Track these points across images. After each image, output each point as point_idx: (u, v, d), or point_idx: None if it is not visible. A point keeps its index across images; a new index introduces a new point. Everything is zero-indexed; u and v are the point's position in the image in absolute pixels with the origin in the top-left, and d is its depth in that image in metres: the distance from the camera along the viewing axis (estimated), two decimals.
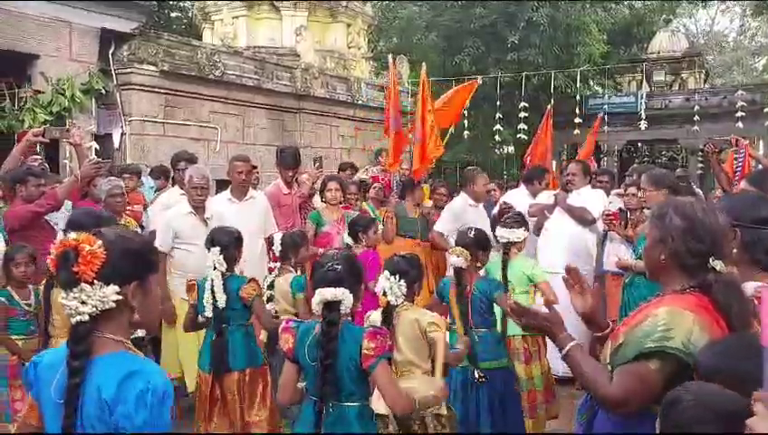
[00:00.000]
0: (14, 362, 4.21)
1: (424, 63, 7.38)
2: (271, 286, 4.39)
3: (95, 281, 1.72)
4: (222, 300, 3.79)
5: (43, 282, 3.98)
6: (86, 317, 1.73)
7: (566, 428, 4.76)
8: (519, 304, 2.29)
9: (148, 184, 7.26)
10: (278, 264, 4.51)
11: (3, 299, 4.24)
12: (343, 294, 2.56)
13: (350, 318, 2.71)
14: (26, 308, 4.34)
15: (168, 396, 1.74)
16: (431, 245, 6.31)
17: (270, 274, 4.42)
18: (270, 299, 4.32)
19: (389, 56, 7.78)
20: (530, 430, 4.36)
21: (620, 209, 5.81)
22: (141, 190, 6.81)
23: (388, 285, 3.23)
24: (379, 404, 3.17)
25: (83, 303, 1.72)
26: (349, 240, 5.13)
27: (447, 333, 3.37)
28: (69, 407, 1.69)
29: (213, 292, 3.79)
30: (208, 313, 3.83)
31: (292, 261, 4.56)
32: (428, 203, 6.97)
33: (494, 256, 4.58)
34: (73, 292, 1.72)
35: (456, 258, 3.89)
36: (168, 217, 4.97)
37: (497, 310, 4.16)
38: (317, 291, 2.59)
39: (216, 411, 3.84)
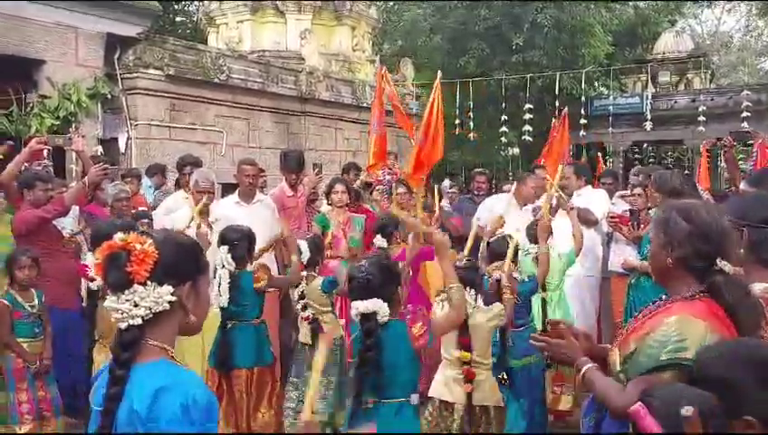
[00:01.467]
0: (20, 364, 4.24)
1: (439, 71, 7.35)
2: (302, 296, 4.36)
3: (148, 282, 1.64)
4: (225, 299, 3.80)
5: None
6: (138, 321, 1.64)
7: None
8: (537, 338, 2.38)
9: (146, 184, 7.28)
10: (305, 273, 4.41)
11: (7, 302, 4.27)
12: (375, 305, 2.61)
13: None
14: (30, 310, 4.37)
15: (214, 409, 1.65)
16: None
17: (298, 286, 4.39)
18: (305, 308, 4.33)
19: (377, 58, 7.76)
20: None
21: (631, 211, 5.79)
22: (141, 192, 6.83)
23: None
24: (444, 390, 3.31)
25: (136, 305, 1.64)
26: (382, 243, 5.08)
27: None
28: (106, 416, 1.61)
29: (220, 290, 3.80)
30: (215, 309, 3.83)
31: (316, 268, 4.52)
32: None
33: (524, 259, 4.61)
34: (125, 294, 1.63)
35: (501, 275, 3.89)
36: (172, 220, 4.98)
37: (534, 307, 4.27)
38: (352, 304, 2.66)
39: (221, 409, 3.81)
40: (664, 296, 2.09)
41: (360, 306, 2.61)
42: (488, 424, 3.42)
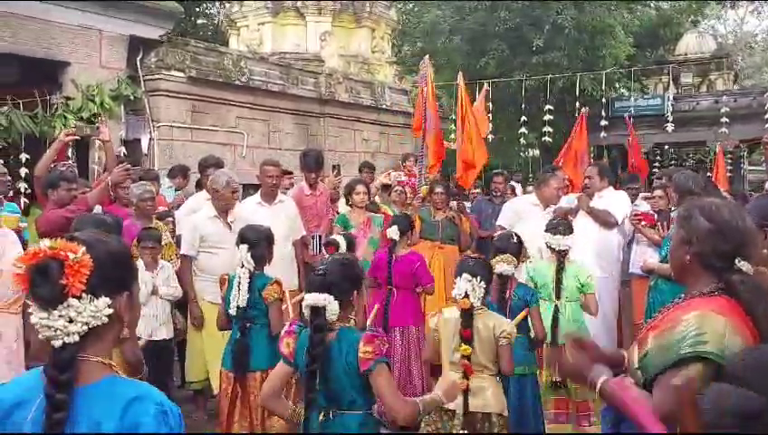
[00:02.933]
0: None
1: (460, 73, 7.37)
2: None
3: (83, 294, 1.47)
4: (244, 299, 3.80)
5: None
6: (75, 338, 1.46)
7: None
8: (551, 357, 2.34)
9: (165, 185, 7.36)
10: None
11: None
12: (326, 300, 2.51)
13: (350, 323, 2.67)
14: None
15: (182, 419, 1.55)
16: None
17: None
18: None
19: (426, 57, 7.79)
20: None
21: (659, 211, 5.76)
22: (161, 193, 6.90)
23: (470, 287, 3.27)
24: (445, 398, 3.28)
25: (71, 321, 1.46)
26: (396, 235, 5.12)
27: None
28: None
29: (239, 289, 3.80)
30: (232, 310, 3.85)
31: None
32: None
33: (541, 262, 4.58)
34: (58, 309, 1.45)
35: (507, 266, 3.92)
36: (193, 221, 5.05)
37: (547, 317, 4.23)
38: (305, 296, 2.59)
39: (236, 411, 3.85)
40: (683, 295, 2.08)
41: (310, 299, 2.53)
42: (490, 432, 3.35)
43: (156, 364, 4.35)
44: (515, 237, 4.18)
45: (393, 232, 5.11)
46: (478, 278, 3.28)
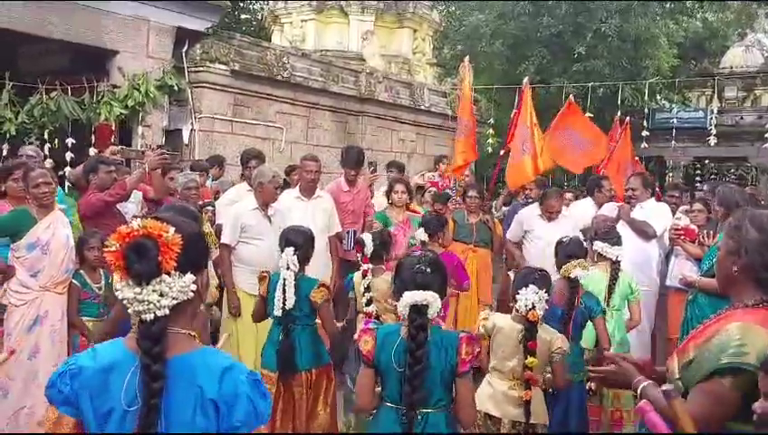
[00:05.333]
0: (84, 343, 4.40)
1: (526, 78, 7.33)
2: (368, 289, 4.36)
3: (173, 271, 1.60)
4: (291, 301, 3.81)
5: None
6: (166, 311, 1.59)
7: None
8: (593, 369, 2.39)
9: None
10: (370, 265, 4.43)
11: (77, 282, 4.44)
12: (433, 298, 2.50)
13: (440, 322, 2.70)
14: (97, 292, 4.54)
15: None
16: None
17: (365, 277, 4.39)
18: (369, 302, 4.34)
19: (465, 59, 7.78)
20: None
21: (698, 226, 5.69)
22: (207, 184, 6.99)
23: (536, 299, 3.28)
24: (490, 405, 3.29)
25: (161, 295, 1.59)
26: (424, 237, 5.12)
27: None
28: (151, 413, 1.55)
29: (284, 291, 3.80)
30: (277, 311, 3.85)
31: (384, 260, 4.54)
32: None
33: (594, 270, 4.57)
34: (152, 284, 1.58)
35: (581, 271, 3.93)
36: (236, 211, 5.12)
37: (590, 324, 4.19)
38: (405, 294, 2.52)
39: (278, 410, 3.85)
40: (726, 308, 2.07)
41: (416, 297, 2.47)
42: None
43: None
44: (583, 243, 4.18)
45: (420, 234, 5.13)
46: (544, 290, 3.30)
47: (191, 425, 1.59)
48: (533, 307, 3.25)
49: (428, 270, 2.57)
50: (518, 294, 3.34)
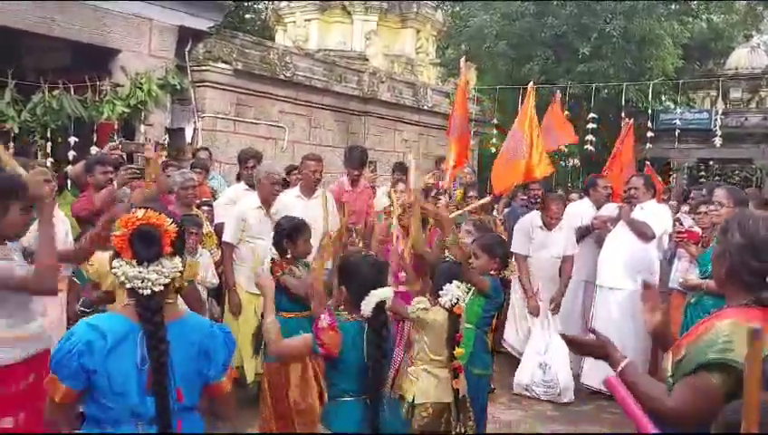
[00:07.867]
0: None
1: (531, 82, 7.28)
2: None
3: (168, 255, 2.01)
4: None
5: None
6: (161, 287, 1.97)
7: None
8: (567, 336, 2.33)
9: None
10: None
11: (75, 279, 4.43)
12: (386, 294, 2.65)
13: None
14: None
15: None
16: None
17: None
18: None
19: (462, 60, 7.75)
20: None
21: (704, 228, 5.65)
22: (207, 183, 6.96)
23: (460, 293, 3.54)
24: (441, 393, 3.49)
25: (158, 274, 1.97)
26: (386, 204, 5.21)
27: None
28: (162, 370, 1.92)
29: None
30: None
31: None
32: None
33: None
34: (153, 265, 1.96)
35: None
36: (239, 210, 5.11)
37: None
38: (372, 292, 2.62)
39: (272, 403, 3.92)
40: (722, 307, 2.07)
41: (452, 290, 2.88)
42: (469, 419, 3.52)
43: None
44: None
45: (382, 204, 5.18)
46: (464, 284, 3.51)
47: (195, 373, 2.04)
48: (458, 301, 3.43)
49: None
50: (441, 290, 3.47)
